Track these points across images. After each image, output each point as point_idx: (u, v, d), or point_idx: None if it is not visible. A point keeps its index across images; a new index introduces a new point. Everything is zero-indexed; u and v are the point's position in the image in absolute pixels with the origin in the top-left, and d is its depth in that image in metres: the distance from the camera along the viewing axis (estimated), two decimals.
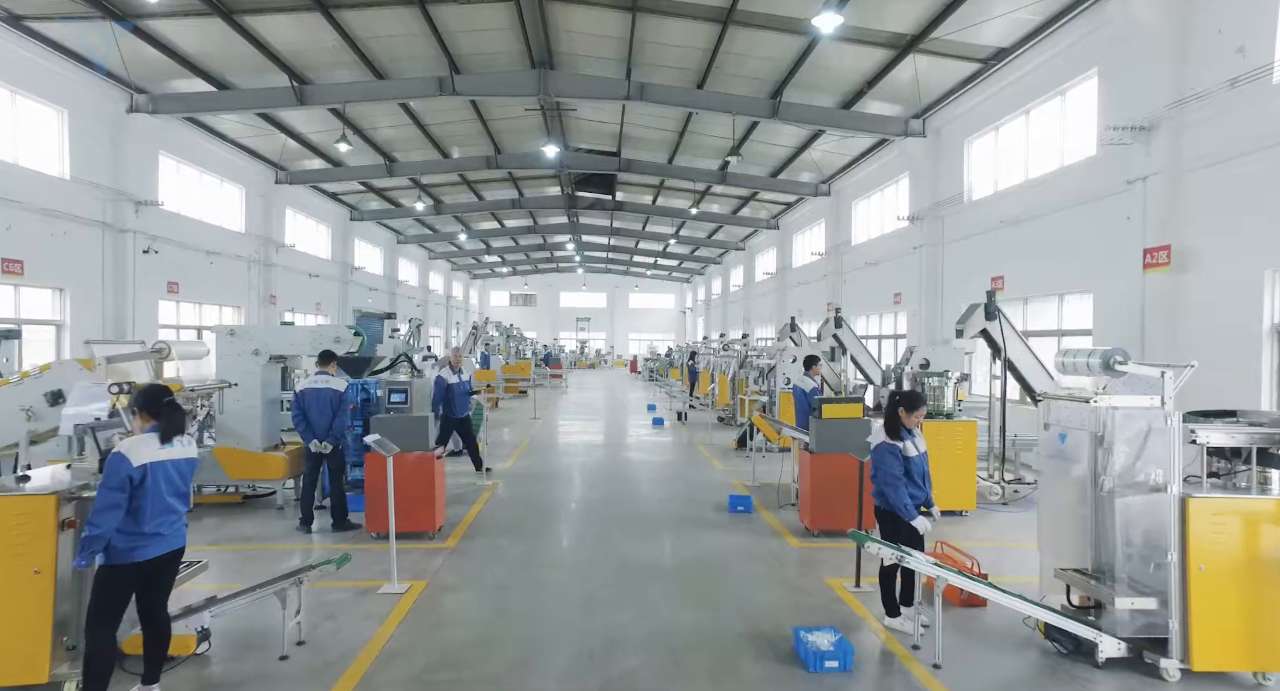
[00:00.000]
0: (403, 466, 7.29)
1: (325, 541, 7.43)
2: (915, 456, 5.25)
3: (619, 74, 16.06)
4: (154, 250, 15.57)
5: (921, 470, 5.26)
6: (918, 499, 5.23)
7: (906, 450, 5.24)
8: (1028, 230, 12.83)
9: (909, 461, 5.23)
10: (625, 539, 7.66)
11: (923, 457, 5.30)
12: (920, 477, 5.26)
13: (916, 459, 5.25)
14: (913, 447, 5.26)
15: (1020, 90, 13.00)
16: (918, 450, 5.27)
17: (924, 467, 5.29)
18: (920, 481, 5.26)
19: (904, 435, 5.27)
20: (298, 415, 7.66)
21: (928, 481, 5.30)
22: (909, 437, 5.28)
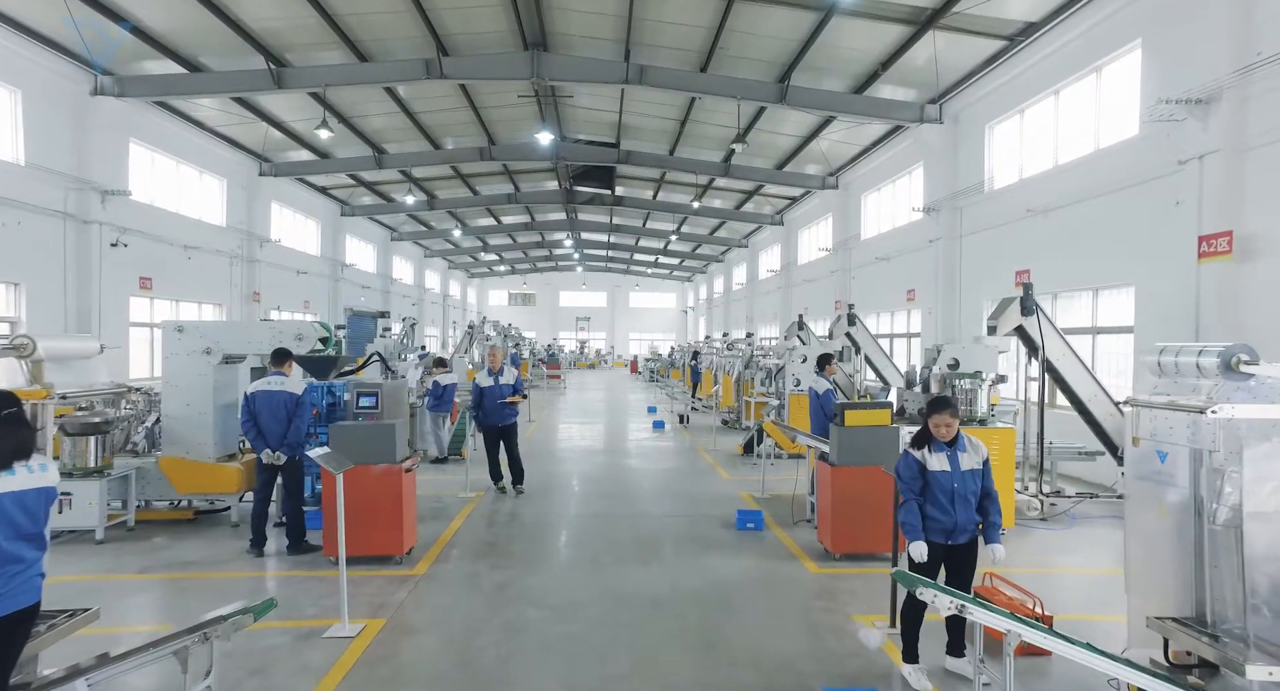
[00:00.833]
0: (365, 481, 6.40)
1: (279, 566, 6.51)
2: (938, 471, 4.35)
3: (617, 56, 15.13)
4: (123, 243, 14.63)
5: (949, 489, 4.33)
6: (937, 523, 4.33)
7: (927, 462, 4.37)
8: (1057, 220, 11.89)
9: (930, 476, 4.36)
10: (621, 564, 6.73)
11: (956, 476, 4.35)
12: (948, 498, 4.33)
13: (940, 475, 4.34)
14: (936, 461, 4.37)
15: (1049, 68, 12.04)
16: (946, 465, 4.36)
17: (954, 486, 4.33)
18: (949, 503, 4.33)
19: (933, 445, 4.40)
20: (248, 421, 6.73)
21: (964, 505, 4.34)
22: (940, 449, 4.39)
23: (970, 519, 4.38)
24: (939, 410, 4.43)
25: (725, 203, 28.35)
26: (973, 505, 4.38)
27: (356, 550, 6.40)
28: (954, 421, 4.41)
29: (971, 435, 4.58)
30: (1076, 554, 7.31)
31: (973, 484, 4.40)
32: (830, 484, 6.87)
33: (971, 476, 4.41)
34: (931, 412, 4.45)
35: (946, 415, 4.38)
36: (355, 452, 6.41)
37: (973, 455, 4.46)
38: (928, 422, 4.45)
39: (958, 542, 4.40)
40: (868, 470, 6.75)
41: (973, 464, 4.44)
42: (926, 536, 4.35)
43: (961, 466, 4.40)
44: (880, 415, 6.91)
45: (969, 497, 4.37)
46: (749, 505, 9.09)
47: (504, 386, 9.46)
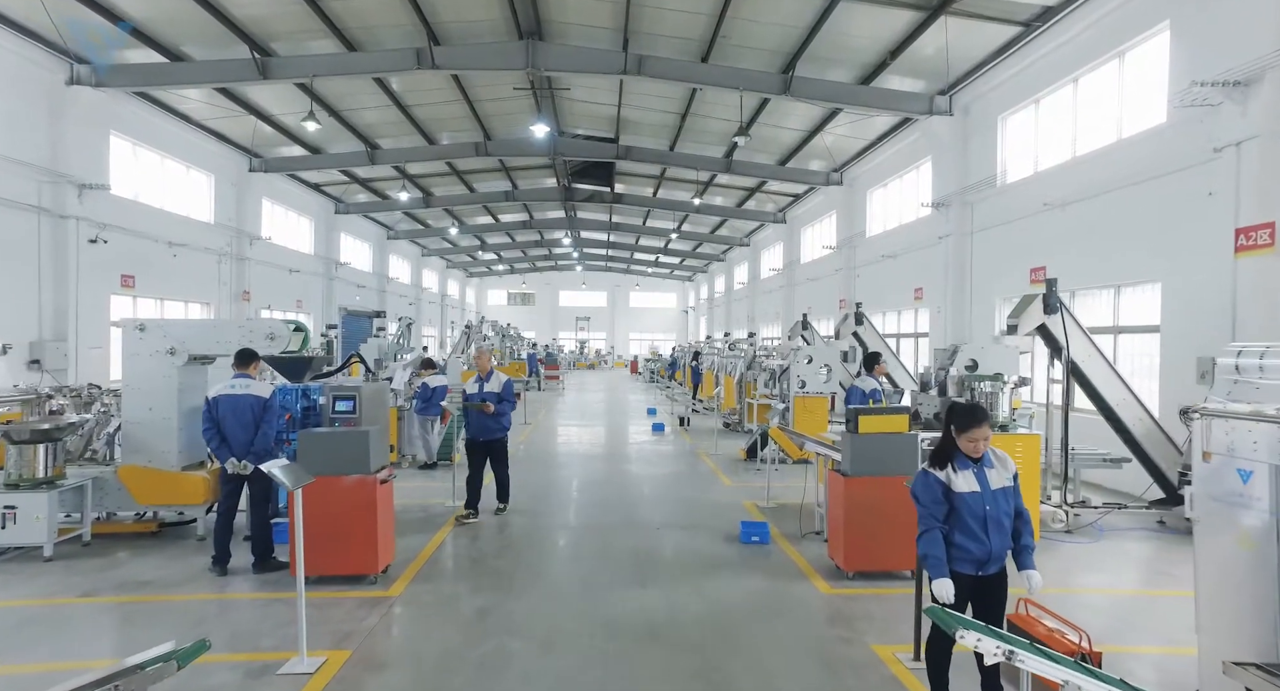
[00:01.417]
0: (336, 494, 5.86)
1: (241, 587, 5.95)
2: (966, 493, 3.74)
3: (615, 45, 14.58)
4: (103, 239, 14.09)
5: (979, 513, 3.73)
6: (967, 553, 3.73)
7: (952, 483, 3.77)
8: (1075, 214, 11.33)
9: (956, 498, 3.75)
10: (615, 585, 6.18)
11: (987, 497, 3.74)
12: (980, 524, 3.73)
13: (969, 497, 3.73)
14: (963, 481, 3.76)
15: (1068, 55, 11.49)
16: (974, 485, 3.75)
17: (986, 509, 3.73)
18: (981, 530, 3.72)
19: (957, 463, 3.80)
20: (209, 428, 6.19)
21: (997, 530, 3.74)
22: (965, 466, 3.79)
23: (1005, 546, 3.79)
24: (975, 423, 3.75)
25: (727, 200, 27.80)
26: (1007, 529, 3.79)
27: (325, 569, 5.90)
28: (989, 437, 3.83)
29: (995, 446, 4.01)
30: (1107, 571, 6.75)
31: (1005, 504, 3.80)
32: (843, 496, 6.32)
33: (1004, 496, 3.81)
34: (964, 426, 3.78)
35: (985, 427, 3.77)
36: (325, 462, 5.89)
37: (1002, 470, 3.85)
38: (955, 437, 3.82)
39: (988, 573, 3.81)
40: (883, 480, 6.21)
41: (1003, 481, 3.83)
42: (952, 566, 3.76)
43: (991, 485, 3.79)
44: (897, 421, 6.36)
45: (1003, 521, 3.78)
46: (753, 516, 8.56)
47: (488, 394, 8.24)
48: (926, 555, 3.79)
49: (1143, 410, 7.99)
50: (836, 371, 12.31)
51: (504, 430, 8.44)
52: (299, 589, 4.47)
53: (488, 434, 8.29)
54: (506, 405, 8.33)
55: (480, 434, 8.28)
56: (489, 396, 8.21)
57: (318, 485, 5.75)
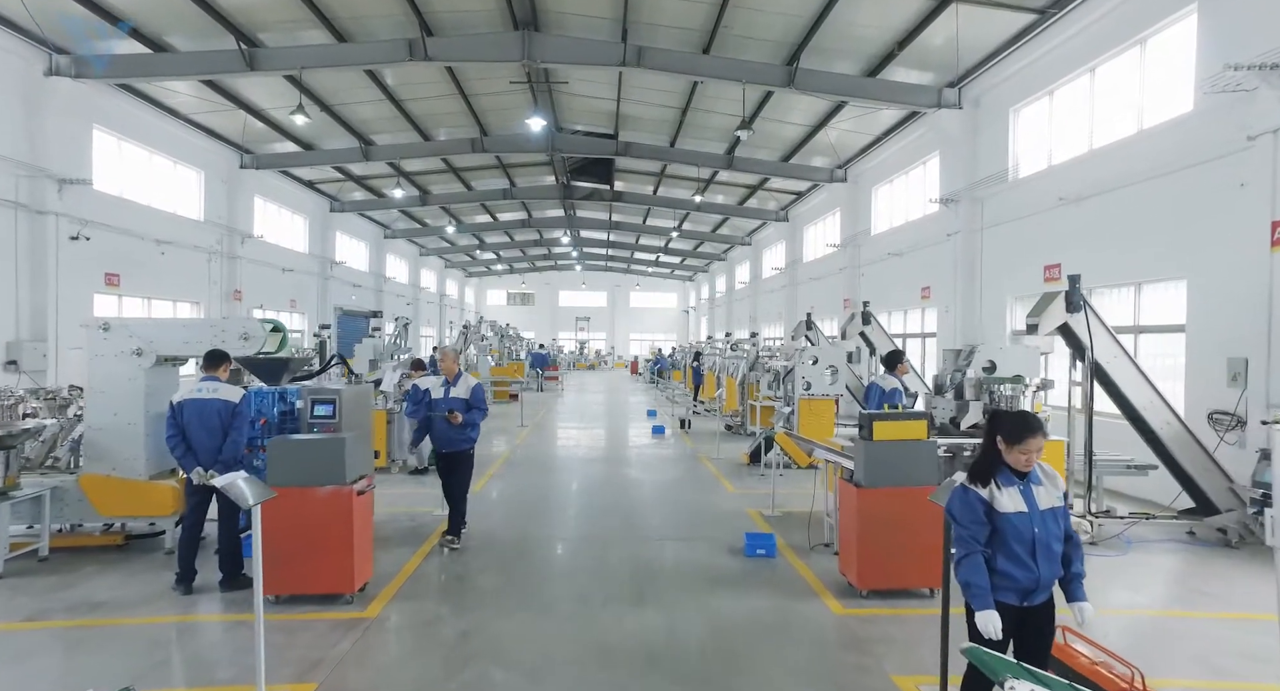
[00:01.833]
0: (308, 506, 5.42)
1: (207, 607, 5.51)
2: (1011, 513, 3.26)
3: (614, 36, 14.14)
4: (84, 236, 13.65)
5: (1027, 537, 3.26)
6: (1012, 581, 3.26)
7: (995, 502, 3.29)
8: (1092, 209, 10.88)
9: (1000, 519, 3.28)
10: (611, 604, 5.73)
11: (1036, 518, 3.27)
12: (1027, 548, 3.25)
13: (1015, 519, 3.26)
14: (1008, 499, 3.29)
15: (1084, 44, 11.04)
16: (1021, 504, 3.28)
17: (1035, 532, 3.26)
18: (1029, 555, 3.25)
19: (1001, 479, 3.33)
20: (174, 435, 5.74)
21: (1047, 555, 3.27)
22: (1010, 482, 3.32)
23: (1054, 573, 3.32)
24: (1029, 433, 3.27)
25: (728, 198, 27.35)
26: (1057, 555, 3.31)
27: (296, 588, 5.47)
28: (1041, 450, 3.34)
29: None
30: (1139, 589, 6.30)
31: (1055, 526, 3.32)
32: (856, 507, 5.87)
33: (1053, 517, 3.32)
34: (1016, 437, 3.28)
35: (1041, 437, 3.29)
36: (297, 472, 5.46)
37: (1050, 488, 3.37)
38: (1001, 450, 3.35)
39: (1034, 603, 3.34)
40: (900, 492, 5.77)
41: (1052, 499, 3.35)
42: (995, 598, 3.29)
43: (1040, 504, 3.31)
44: (915, 427, 5.91)
45: (1052, 545, 3.30)
46: (758, 526, 8.11)
47: (454, 400, 7.17)
48: (968, 583, 3.29)
49: (1171, 413, 7.54)
50: (842, 372, 11.88)
51: (469, 442, 7.26)
52: (257, 613, 4.01)
53: (449, 445, 7.19)
54: (476, 414, 7.22)
55: (442, 444, 7.25)
56: (455, 403, 7.14)
57: (288, 497, 5.34)
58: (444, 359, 7.43)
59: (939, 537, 5.84)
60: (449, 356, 7.42)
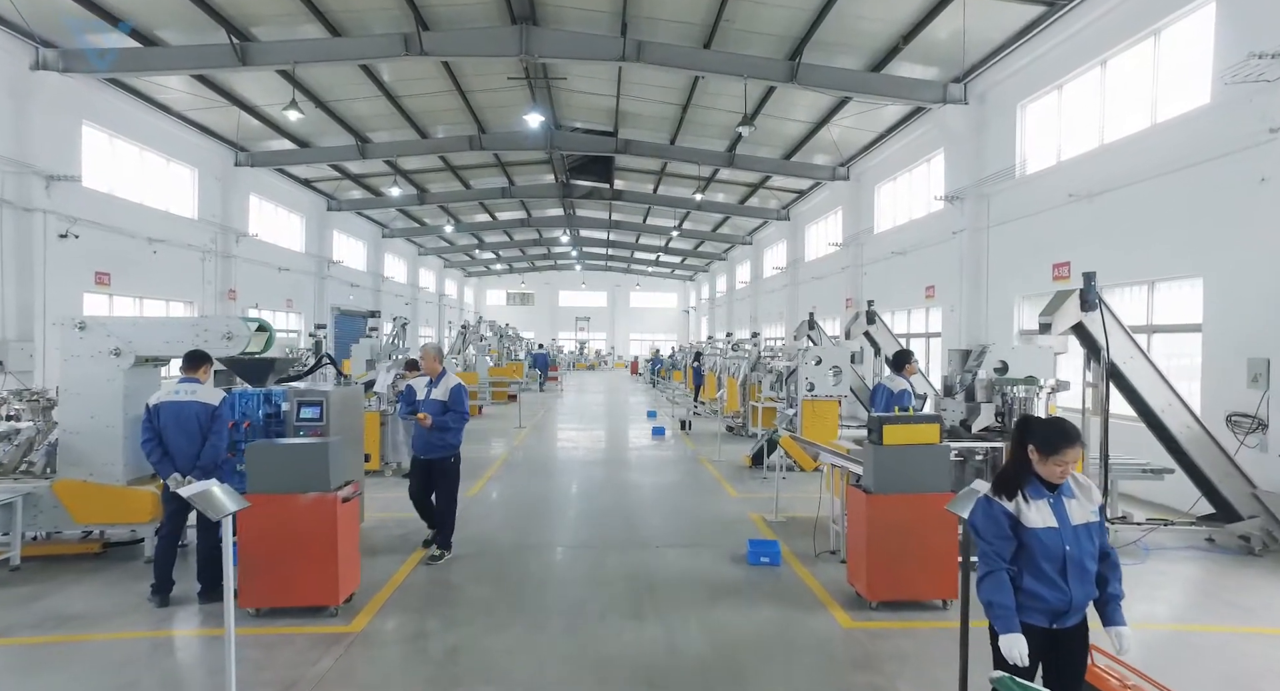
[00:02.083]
0: (290, 514, 5.16)
1: (183, 621, 5.24)
2: (1040, 529, 2.98)
3: (613, 30, 13.87)
4: (74, 234, 13.39)
5: (1057, 555, 2.98)
6: (1041, 602, 2.99)
7: (1022, 515, 3.01)
8: (1103, 206, 10.61)
9: (1027, 535, 3.00)
10: (608, 616, 5.46)
11: (1068, 534, 2.99)
12: (1058, 567, 2.97)
13: (1044, 535, 2.98)
14: (1036, 514, 3.00)
15: (1095, 36, 10.77)
16: (1051, 519, 3.00)
17: (1066, 550, 2.98)
18: (1058, 574, 2.97)
19: (1030, 491, 3.04)
20: (150, 439, 5.47)
21: (1079, 575, 2.99)
22: (1039, 494, 3.04)
23: (1088, 595, 3.04)
24: (1066, 443, 2.98)
25: (729, 197, 27.08)
26: (1092, 574, 3.03)
27: (277, 600, 5.21)
28: (1078, 460, 3.06)
29: None
30: (1162, 600, 6.04)
31: (1089, 543, 3.03)
32: (865, 515, 5.61)
33: (1087, 533, 3.03)
34: (1051, 447, 2.99)
35: (1079, 447, 3.02)
36: (278, 478, 5.19)
37: (1084, 501, 3.07)
38: (1032, 460, 3.05)
39: (1065, 626, 3.06)
40: (911, 499, 5.51)
41: (1086, 514, 3.05)
42: (1020, 617, 3.00)
43: (1072, 519, 3.02)
44: (927, 431, 5.64)
45: (1086, 564, 3.01)
46: (761, 531, 7.85)
47: (431, 402, 6.65)
48: (991, 603, 3.01)
49: (1190, 416, 7.27)
50: (846, 373, 11.62)
51: (450, 448, 6.72)
52: (227, 631, 3.76)
53: (427, 450, 6.67)
54: (454, 418, 6.64)
55: (420, 449, 6.73)
56: (431, 406, 6.62)
57: (269, 505, 5.09)
58: (424, 358, 6.97)
59: (952, 547, 5.61)
60: (429, 355, 6.91)
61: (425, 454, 6.71)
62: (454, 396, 6.70)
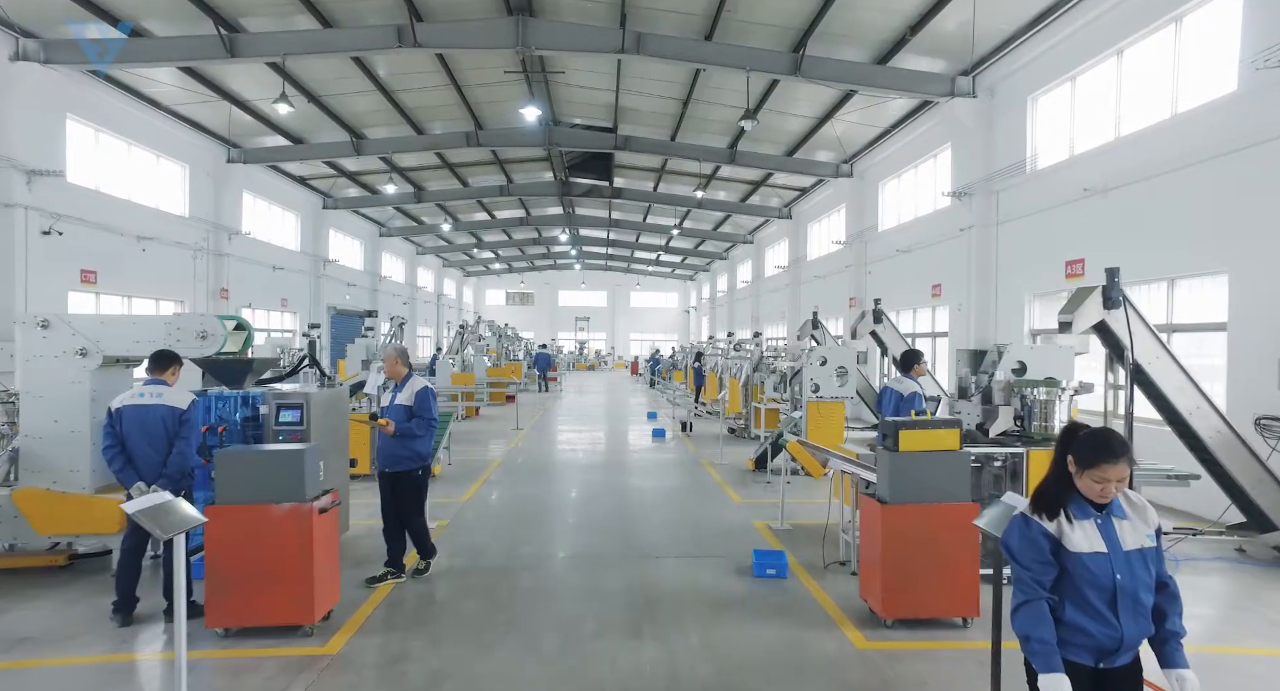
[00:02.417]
0: (262, 526, 4.79)
1: (145, 643, 4.86)
2: (1086, 554, 2.56)
3: (612, 22, 13.49)
4: (57, 231, 13.03)
5: (1106, 584, 2.55)
6: (1085, 637, 2.57)
7: (1065, 538, 2.59)
8: (1119, 201, 10.24)
9: (1070, 560, 2.58)
10: (604, 635, 5.09)
11: (1118, 561, 2.56)
12: (1106, 598, 2.55)
13: (1090, 561, 2.56)
14: (1081, 536, 2.57)
15: (1111, 24, 10.40)
16: (1098, 543, 2.57)
17: (1116, 579, 2.54)
18: (1107, 607, 2.54)
19: (1074, 509, 2.62)
20: (111, 445, 5.10)
21: (1132, 607, 2.55)
22: (1086, 514, 2.61)
23: (1143, 630, 2.61)
24: (1108, 457, 2.56)
25: (730, 195, 26.71)
26: (1146, 607, 2.59)
27: (248, 619, 4.83)
28: (1125, 478, 2.61)
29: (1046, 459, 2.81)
30: (1199, 618, 5.60)
31: (1144, 572, 2.60)
32: (880, 526, 5.23)
33: (1141, 560, 2.60)
34: (1090, 460, 2.58)
35: (1123, 465, 2.57)
36: (249, 488, 4.82)
37: (1138, 522, 2.64)
38: (1085, 472, 2.59)
39: (1114, 665, 2.64)
40: (930, 509, 5.14)
41: (1140, 538, 2.62)
42: (1062, 653, 2.59)
43: (1124, 544, 2.59)
44: (946, 436, 5.26)
45: (1140, 595, 2.57)
46: (767, 541, 7.48)
47: (397, 407, 5.99)
48: (1028, 637, 2.59)
49: (1220, 419, 6.90)
50: (852, 374, 11.25)
51: (418, 459, 6.01)
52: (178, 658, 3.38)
53: (393, 463, 5.98)
54: (420, 425, 5.92)
55: (386, 462, 6.02)
56: (394, 412, 5.96)
57: (238, 516, 4.73)
58: (386, 360, 6.26)
59: (973, 561, 5.23)
60: (390, 357, 6.22)
61: (390, 466, 6.00)
62: (420, 401, 5.99)
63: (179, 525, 3.30)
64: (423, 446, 6.05)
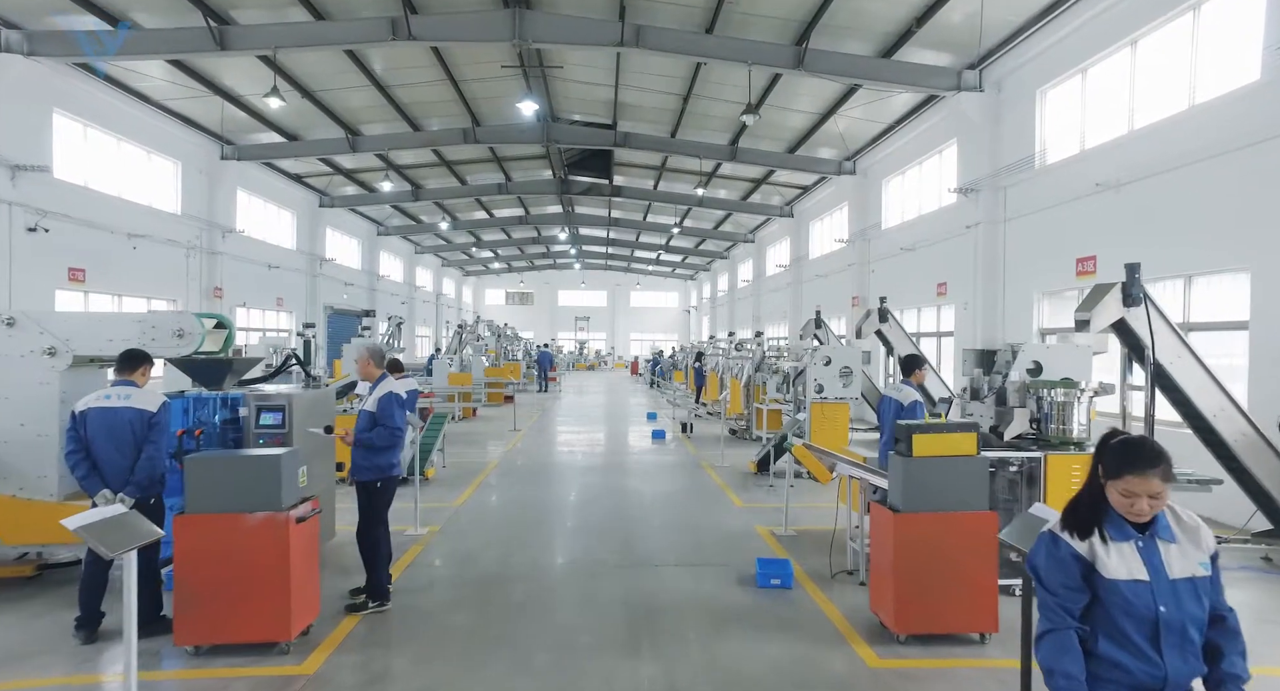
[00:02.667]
0: (234, 536, 4.50)
1: (108, 663, 4.56)
2: (1123, 581, 2.23)
3: (610, 14, 13.19)
4: (43, 228, 12.74)
5: (1148, 615, 2.21)
6: (1122, 675, 2.24)
7: (1100, 562, 2.26)
8: (1132, 196, 9.94)
9: (1104, 586, 2.26)
10: (601, 652, 4.79)
11: (1162, 590, 2.22)
12: (1146, 632, 2.22)
13: (1128, 589, 2.23)
14: (1118, 560, 2.25)
15: (1124, 14, 10.10)
16: (1139, 569, 2.24)
17: (1159, 611, 2.21)
18: (1148, 642, 2.21)
19: (1111, 529, 2.28)
20: (75, 451, 4.80)
21: (1178, 643, 2.22)
22: (1125, 536, 2.27)
23: (1192, 670, 2.25)
24: (1132, 466, 2.22)
25: (731, 193, 26.39)
26: (1196, 644, 2.25)
27: (219, 636, 4.54)
28: (1164, 490, 2.23)
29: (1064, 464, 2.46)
30: None
31: (1194, 604, 2.24)
32: (892, 536, 4.93)
33: (1190, 590, 2.24)
34: (1112, 468, 2.26)
35: (1155, 479, 2.21)
36: (220, 496, 4.53)
37: (1189, 546, 2.28)
38: (1115, 482, 2.26)
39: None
40: (946, 518, 4.84)
41: (1191, 565, 2.25)
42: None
43: (1171, 571, 2.24)
44: (962, 441, 4.96)
45: (1188, 630, 2.23)
46: (770, 547, 7.18)
47: (362, 413, 5.51)
48: (1053, 671, 2.27)
49: (1246, 421, 6.61)
50: (857, 375, 10.96)
51: (374, 472, 5.42)
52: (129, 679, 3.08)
53: (356, 472, 5.45)
54: (380, 434, 5.35)
55: (352, 470, 5.50)
56: (362, 418, 5.48)
57: (209, 526, 4.44)
58: (358, 360, 5.72)
59: (991, 573, 4.93)
60: (362, 358, 5.68)
61: (354, 475, 5.48)
62: (382, 408, 5.39)
63: (129, 541, 3.00)
64: (384, 458, 5.45)
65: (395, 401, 5.48)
